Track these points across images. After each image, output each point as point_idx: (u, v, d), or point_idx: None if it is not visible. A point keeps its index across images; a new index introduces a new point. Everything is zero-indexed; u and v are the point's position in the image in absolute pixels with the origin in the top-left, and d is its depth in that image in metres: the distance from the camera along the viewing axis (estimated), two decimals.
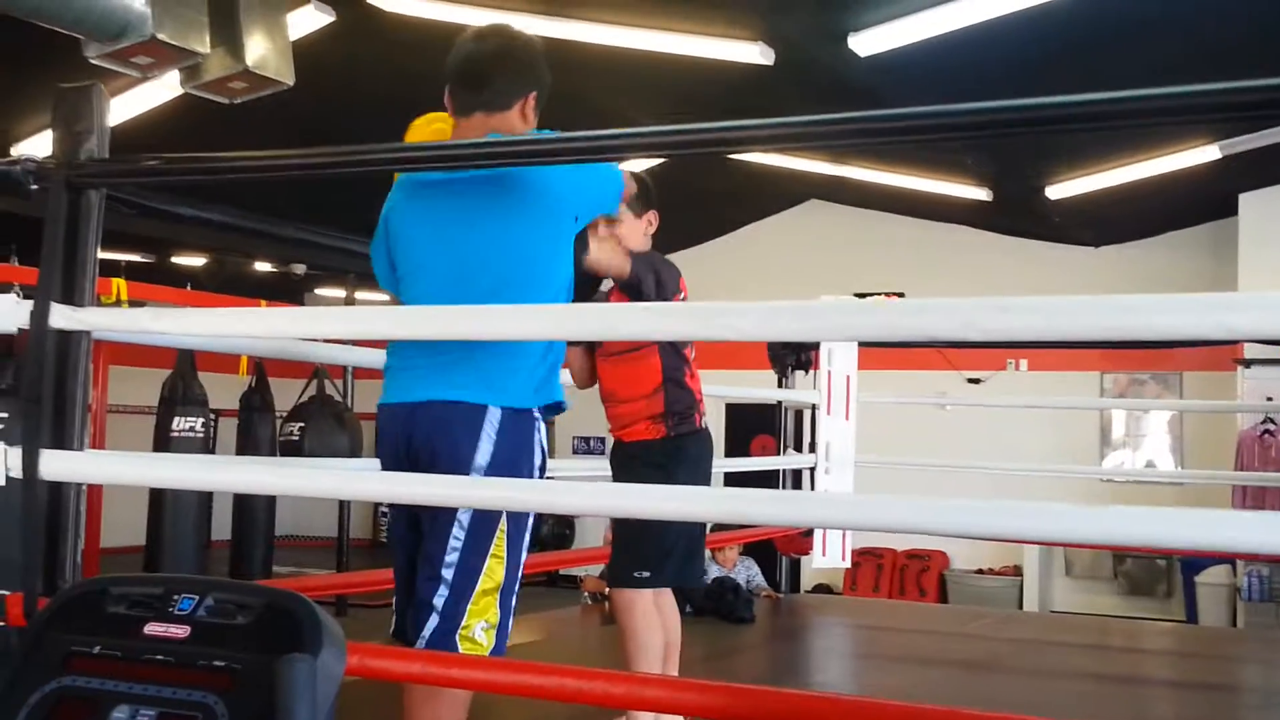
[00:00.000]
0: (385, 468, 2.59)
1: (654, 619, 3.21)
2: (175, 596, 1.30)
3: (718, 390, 8.96)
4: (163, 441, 6.49)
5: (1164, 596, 10.58)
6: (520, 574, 2.54)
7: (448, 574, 2.43)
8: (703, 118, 2.21)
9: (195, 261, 9.97)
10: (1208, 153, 8.41)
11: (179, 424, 6.41)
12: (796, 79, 6.64)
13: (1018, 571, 10.93)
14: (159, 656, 1.26)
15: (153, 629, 1.29)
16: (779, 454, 6.10)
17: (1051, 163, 8.76)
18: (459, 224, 2.54)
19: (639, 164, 8.55)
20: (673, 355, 3.28)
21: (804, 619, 5.94)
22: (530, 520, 2.56)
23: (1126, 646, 5.62)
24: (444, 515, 2.44)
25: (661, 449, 3.23)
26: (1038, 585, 10.79)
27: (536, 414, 2.57)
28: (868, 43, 6.28)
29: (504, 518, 2.47)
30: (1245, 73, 1.77)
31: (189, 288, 6.94)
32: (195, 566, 6.72)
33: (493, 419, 2.47)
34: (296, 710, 1.10)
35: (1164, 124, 4.18)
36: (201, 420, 6.55)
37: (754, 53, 6.40)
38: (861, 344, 5.87)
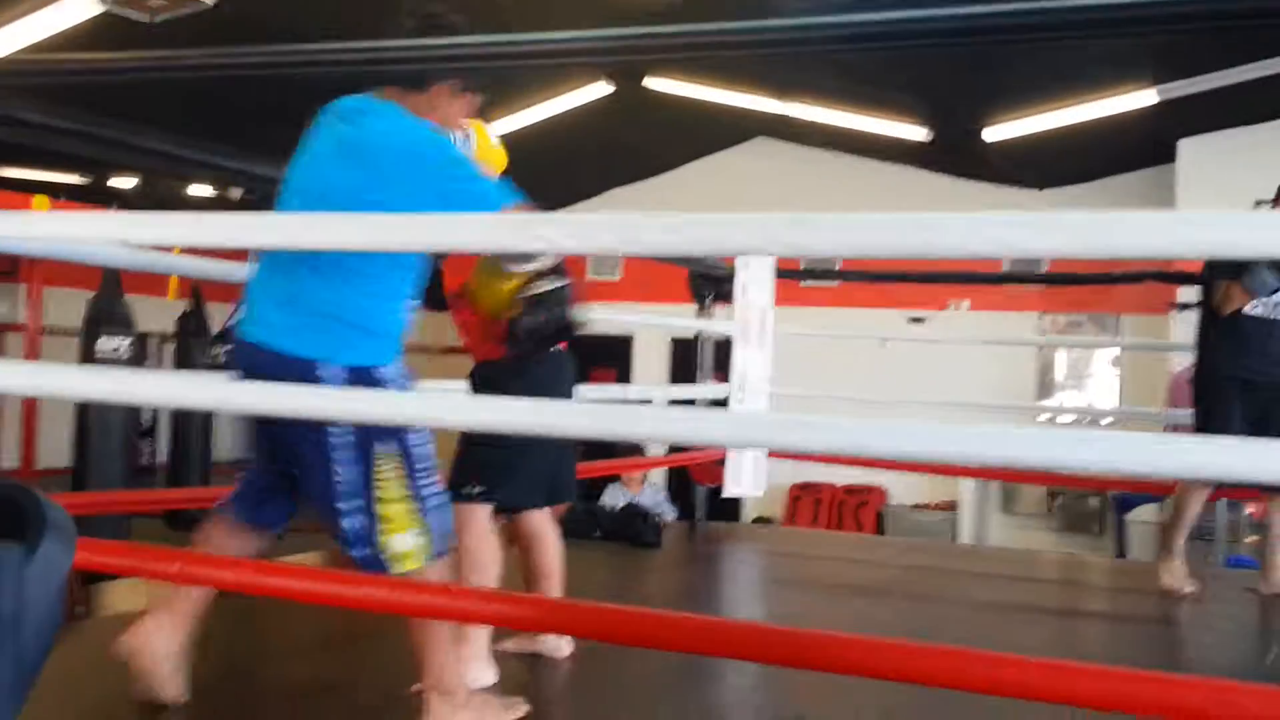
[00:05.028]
0: None
1: (489, 540, 3.19)
2: None
3: (632, 319, 8.95)
4: (88, 363, 6.48)
5: (1096, 534, 10.77)
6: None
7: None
8: None
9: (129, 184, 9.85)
10: (1146, 97, 8.42)
11: (104, 345, 6.41)
12: None
13: (954, 507, 11.08)
14: None
15: None
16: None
17: (988, 103, 8.76)
18: None
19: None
20: None
21: (713, 546, 6.02)
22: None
23: (1059, 579, 5.75)
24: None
25: (505, 369, 3.15)
26: (974, 521, 10.95)
27: None
28: None
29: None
30: None
31: (114, 208, 6.88)
32: (122, 488, 6.74)
33: None
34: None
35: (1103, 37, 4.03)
36: (128, 341, 6.54)
37: None
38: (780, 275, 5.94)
